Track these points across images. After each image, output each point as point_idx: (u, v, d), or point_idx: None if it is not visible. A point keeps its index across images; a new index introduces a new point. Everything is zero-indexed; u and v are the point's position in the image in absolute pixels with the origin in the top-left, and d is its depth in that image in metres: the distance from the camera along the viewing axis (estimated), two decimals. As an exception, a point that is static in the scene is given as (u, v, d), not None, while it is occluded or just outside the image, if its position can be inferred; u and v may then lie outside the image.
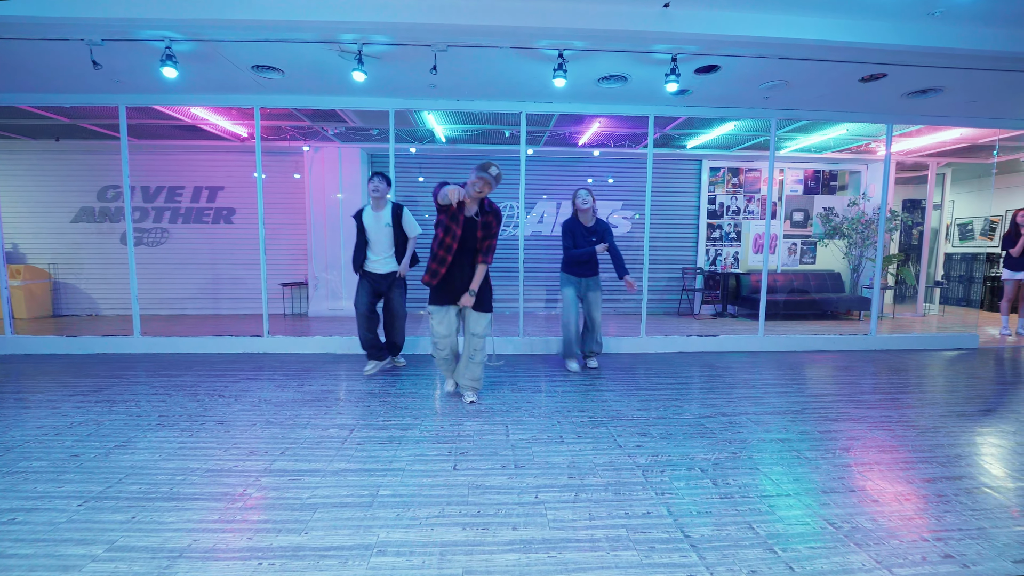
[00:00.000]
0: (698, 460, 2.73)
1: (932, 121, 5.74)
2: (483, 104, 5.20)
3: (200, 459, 2.71)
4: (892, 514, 2.18)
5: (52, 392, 3.92)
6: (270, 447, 2.88)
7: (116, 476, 2.51)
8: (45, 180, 7.92)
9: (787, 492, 2.37)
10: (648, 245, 5.61)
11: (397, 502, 2.26)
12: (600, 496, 2.32)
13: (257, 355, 5.27)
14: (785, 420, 3.37)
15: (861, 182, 8.68)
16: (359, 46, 3.82)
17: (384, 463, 2.67)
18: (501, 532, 2.02)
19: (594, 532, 2.02)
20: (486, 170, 3.31)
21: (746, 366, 4.94)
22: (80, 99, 5.17)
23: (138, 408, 3.55)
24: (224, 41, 3.83)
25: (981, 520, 2.13)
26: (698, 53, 3.95)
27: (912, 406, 3.70)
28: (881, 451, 2.87)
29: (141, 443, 2.93)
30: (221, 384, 4.17)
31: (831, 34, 3.59)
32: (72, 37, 3.77)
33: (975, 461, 2.75)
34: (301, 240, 8.09)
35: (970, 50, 3.75)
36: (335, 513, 2.16)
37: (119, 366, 4.78)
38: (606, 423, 3.30)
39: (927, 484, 2.46)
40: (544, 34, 3.60)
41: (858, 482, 2.48)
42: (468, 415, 3.44)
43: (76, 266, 8.07)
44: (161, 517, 2.13)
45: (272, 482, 2.45)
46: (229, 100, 5.17)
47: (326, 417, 3.38)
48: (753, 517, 2.14)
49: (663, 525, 2.08)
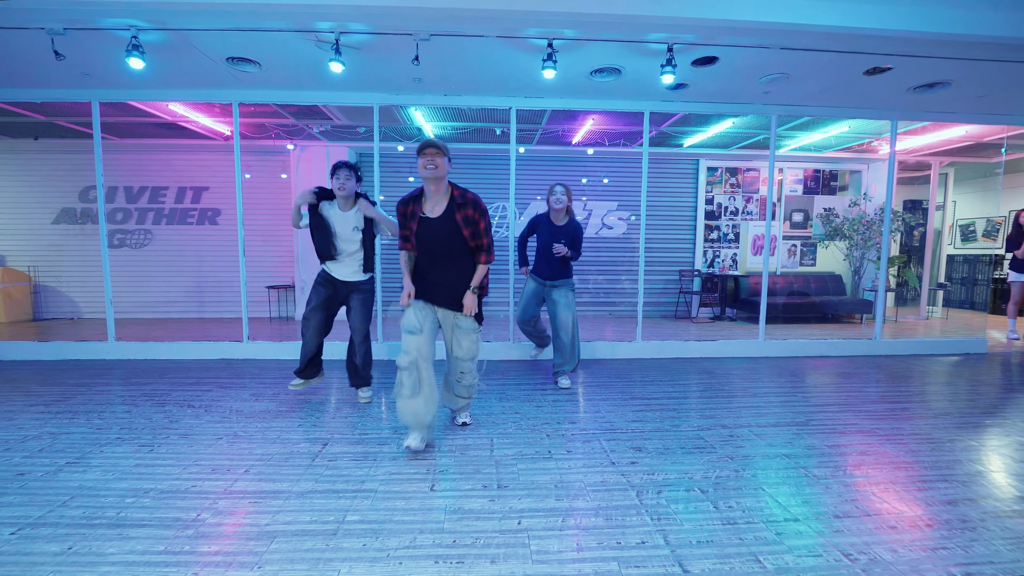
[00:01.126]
0: (697, 479, 2.51)
1: (939, 117, 5.54)
2: (471, 99, 4.99)
3: (156, 478, 2.49)
4: (913, 543, 1.96)
5: (12, 402, 3.68)
6: (234, 464, 2.65)
7: (60, 498, 2.28)
8: (25, 180, 7.68)
9: (796, 517, 2.15)
10: (644, 247, 5.39)
11: (364, 530, 2.03)
12: (590, 522, 2.10)
13: (236, 361, 5.03)
14: (790, 433, 3.16)
15: (862, 182, 8.49)
16: (336, 35, 3.61)
17: (355, 483, 2.44)
18: (477, 566, 1.80)
19: (582, 567, 1.80)
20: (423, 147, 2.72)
21: (747, 373, 4.73)
22: (51, 94, 4.94)
23: (100, 420, 3.32)
24: (194, 30, 3.61)
25: (1012, 551, 1.92)
26: (696, 43, 3.74)
27: (924, 416, 3.49)
28: (895, 468, 2.66)
29: (96, 460, 2.70)
30: (193, 393, 3.94)
31: (836, 19, 3.38)
32: (32, 25, 3.55)
33: (997, 480, 2.54)
34: (288, 242, 7.86)
35: (980, 36, 3.54)
36: (294, 543, 1.94)
37: (90, 373, 4.54)
38: (599, 436, 3.08)
39: (949, 507, 2.25)
40: (533, 20, 3.38)
41: (873, 505, 2.26)
42: (451, 428, 3.22)
43: (57, 269, 7.83)
44: (101, 548, 1.91)
45: (230, 505, 2.23)
46: (206, 95, 4.95)
47: (299, 430, 3.15)
48: (759, 547, 1.93)
49: (659, 558, 1.86)
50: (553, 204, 4.04)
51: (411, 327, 2.83)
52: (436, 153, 2.72)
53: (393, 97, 4.96)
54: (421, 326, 2.85)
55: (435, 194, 2.85)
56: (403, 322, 2.87)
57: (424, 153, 2.72)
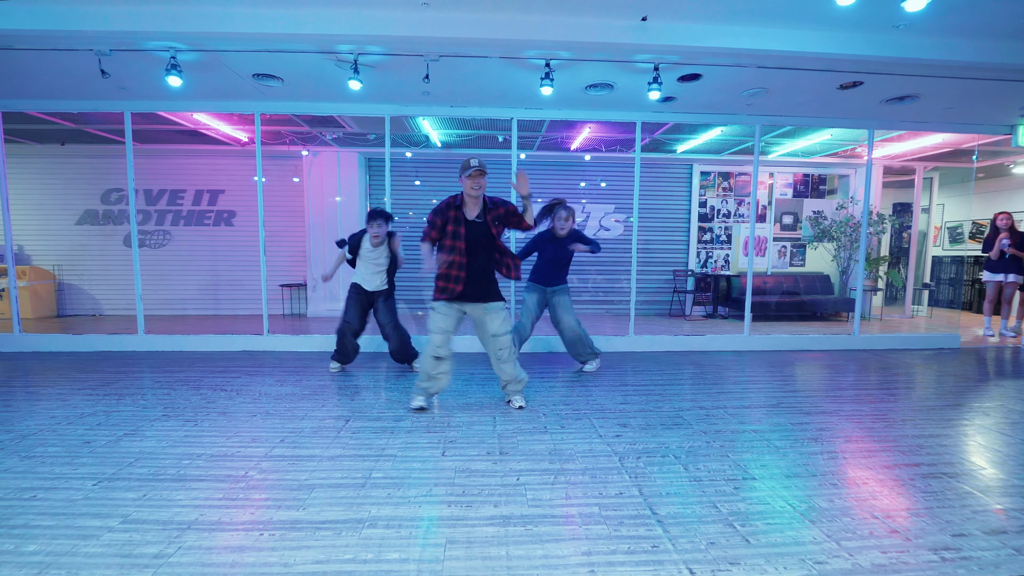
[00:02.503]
0: (672, 448, 2.90)
1: (913, 127, 5.93)
2: (476, 111, 5.39)
3: (204, 446, 2.88)
4: (848, 496, 2.35)
5: (62, 386, 4.09)
6: (270, 435, 3.05)
7: (126, 460, 2.68)
8: (50, 183, 8.11)
9: (752, 476, 2.54)
10: (636, 248, 5.77)
11: (388, 483, 2.43)
12: (577, 479, 2.49)
13: (257, 353, 5.44)
14: (760, 413, 3.55)
15: (850, 186, 8.86)
16: (355, 56, 4.01)
17: (377, 450, 2.84)
18: (483, 509, 2.19)
19: (568, 510, 2.19)
20: (468, 167, 3.27)
21: (730, 364, 5.12)
22: (87, 105, 5.36)
23: (144, 401, 3.72)
24: (226, 51, 4.01)
25: (931, 501, 2.30)
26: (679, 63, 4.14)
27: (884, 401, 3.87)
28: (847, 441, 3.04)
29: (148, 432, 3.10)
30: (223, 379, 4.34)
31: (804, 45, 3.77)
32: (81, 47, 3.96)
33: (936, 450, 2.92)
34: (300, 242, 8.26)
35: (937, 60, 3.94)
36: (330, 492, 2.33)
37: (124, 363, 4.95)
38: (589, 415, 3.47)
39: (886, 470, 2.63)
40: (530, 45, 3.79)
41: (821, 468, 2.65)
42: (458, 408, 3.62)
43: (80, 267, 8.26)
44: (170, 495, 2.30)
45: (272, 466, 2.62)
46: (231, 107, 5.36)
47: (323, 409, 3.55)
48: (718, 498, 2.31)
49: (633, 504, 2.25)
50: (558, 230, 4.44)
51: (444, 327, 3.45)
52: (481, 175, 3.31)
53: (404, 108, 5.37)
54: (450, 326, 3.49)
55: (476, 203, 3.45)
56: (434, 324, 3.45)
57: (472, 176, 3.28)
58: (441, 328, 3.45)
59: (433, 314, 3.47)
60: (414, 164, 8.14)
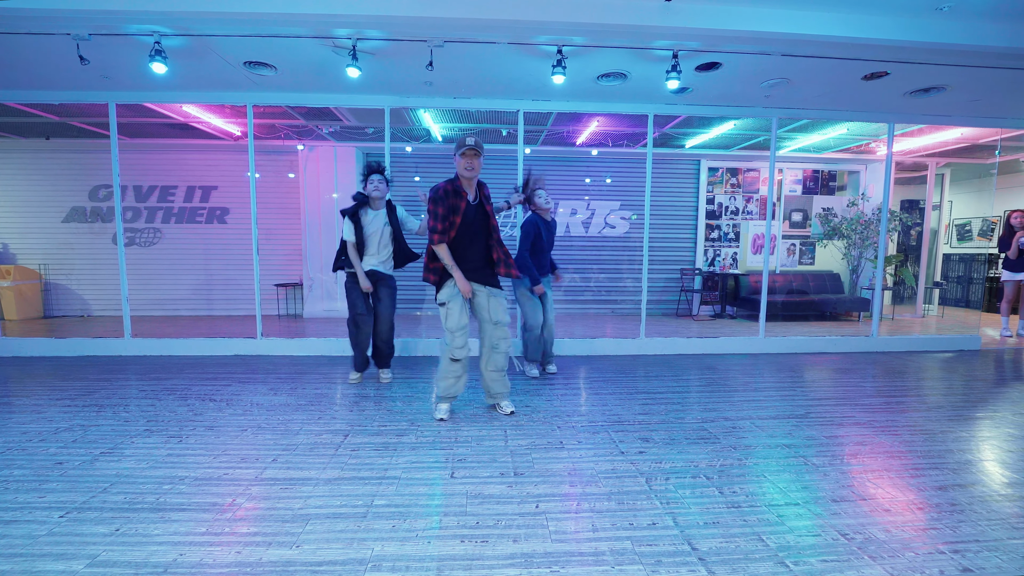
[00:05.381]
0: (703, 467, 2.65)
1: (934, 120, 5.69)
2: (480, 102, 5.12)
3: (188, 467, 2.62)
4: (905, 524, 2.10)
5: (38, 396, 3.81)
6: (261, 454, 2.79)
7: (101, 485, 2.41)
8: (36, 179, 7.80)
9: (796, 501, 2.29)
10: (648, 246, 5.52)
11: (393, 513, 2.17)
12: (603, 506, 2.24)
13: (250, 357, 5.17)
14: (790, 425, 3.30)
15: (860, 182, 8.63)
16: (353, 41, 3.73)
17: (379, 471, 2.58)
18: (501, 545, 1.94)
19: (598, 545, 1.94)
20: (463, 144, 3.09)
21: (747, 368, 4.87)
22: (69, 96, 5.06)
23: (126, 413, 3.45)
24: (215, 36, 3.73)
25: (997, 530, 2.06)
26: (699, 50, 3.88)
27: (918, 409, 3.64)
28: (890, 457, 2.80)
29: (128, 450, 2.83)
30: (212, 388, 4.07)
31: (836, 29, 3.52)
32: (58, 31, 3.67)
33: (986, 468, 2.68)
34: (296, 240, 7.98)
35: (975, 46, 3.69)
36: (328, 525, 2.07)
37: (109, 369, 4.67)
38: (607, 428, 3.22)
39: (939, 492, 2.39)
40: (543, 29, 3.52)
41: (868, 490, 2.41)
42: (465, 420, 3.36)
43: (67, 267, 7.95)
44: (146, 529, 2.04)
45: (263, 491, 2.36)
46: (221, 97, 5.07)
47: (320, 422, 3.29)
48: (762, 528, 2.07)
49: (669, 537, 2.00)
50: (541, 205, 4.29)
51: (462, 322, 3.27)
52: (476, 156, 3.13)
53: (404, 99, 5.09)
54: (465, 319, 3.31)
55: (471, 185, 3.25)
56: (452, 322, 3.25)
57: (465, 155, 3.10)
58: (459, 324, 3.26)
59: (446, 311, 3.27)
60: (414, 159, 7.86)
